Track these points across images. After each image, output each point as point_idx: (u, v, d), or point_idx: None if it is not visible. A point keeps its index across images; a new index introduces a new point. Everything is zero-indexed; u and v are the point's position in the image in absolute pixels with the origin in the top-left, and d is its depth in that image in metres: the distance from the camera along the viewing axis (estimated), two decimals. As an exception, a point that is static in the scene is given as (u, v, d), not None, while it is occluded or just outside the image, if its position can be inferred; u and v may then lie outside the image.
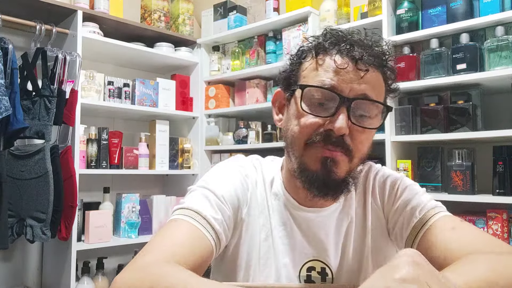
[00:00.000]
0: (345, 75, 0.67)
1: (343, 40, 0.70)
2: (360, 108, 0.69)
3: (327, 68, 0.69)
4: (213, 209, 0.70)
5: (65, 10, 2.08)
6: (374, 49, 0.71)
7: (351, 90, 0.67)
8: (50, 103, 1.89)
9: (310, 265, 0.76)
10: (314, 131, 0.69)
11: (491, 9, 1.65)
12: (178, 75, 2.61)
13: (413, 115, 1.82)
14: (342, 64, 0.67)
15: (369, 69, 0.68)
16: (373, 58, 0.69)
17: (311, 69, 0.71)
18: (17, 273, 2.14)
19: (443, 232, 0.69)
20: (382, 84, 0.72)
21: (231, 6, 2.54)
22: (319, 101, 0.69)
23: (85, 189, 2.23)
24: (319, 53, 0.71)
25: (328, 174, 0.69)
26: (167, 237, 0.65)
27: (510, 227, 1.60)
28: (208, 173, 0.78)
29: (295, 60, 0.75)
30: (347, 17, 2.10)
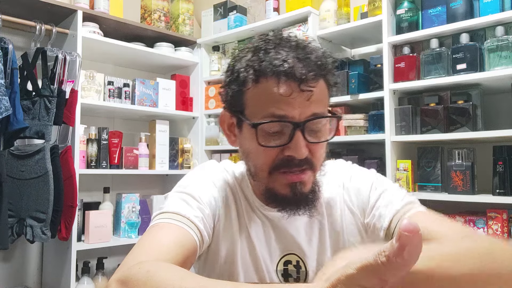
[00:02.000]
0: (293, 100, 0.67)
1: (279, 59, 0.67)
2: (313, 126, 0.70)
3: (273, 98, 0.68)
4: (192, 209, 0.72)
5: (65, 10, 2.08)
6: (309, 58, 0.69)
7: (301, 113, 0.68)
8: (50, 103, 1.89)
9: (287, 259, 0.79)
10: (275, 160, 0.70)
11: (491, 9, 1.65)
12: (178, 75, 2.61)
13: (413, 115, 1.82)
14: (287, 92, 0.67)
15: (313, 88, 0.68)
16: (314, 71, 0.68)
17: (255, 99, 0.70)
18: (17, 273, 2.14)
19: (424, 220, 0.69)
20: (324, 90, 0.72)
21: (231, 6, 2.54)
22: (272, 131, 0.70)
23: (85, 189, 2.23)
24: (259, 80, 0.69)
25: (297, 195, 0.71)
26: (152, 239, 0.66)
27: (510, 227, 1.60)
28: (184, 178, 0.81)
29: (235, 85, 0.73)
30: (347, 17, 2.10)
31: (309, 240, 0.79)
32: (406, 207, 0.73)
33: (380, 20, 1.88)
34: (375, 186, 0.79)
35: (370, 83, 1.96)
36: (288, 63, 0.67)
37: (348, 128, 2.01)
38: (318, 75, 0.69)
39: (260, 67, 0.69)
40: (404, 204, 0.73)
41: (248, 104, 0.72)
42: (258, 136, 0.70)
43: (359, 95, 1.95)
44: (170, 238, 0.66)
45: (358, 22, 1.98)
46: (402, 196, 0.76)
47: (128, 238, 2.23)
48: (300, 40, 0.73)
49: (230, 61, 0.76)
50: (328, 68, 0.71)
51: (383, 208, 0.75)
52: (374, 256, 0.36)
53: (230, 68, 0.76)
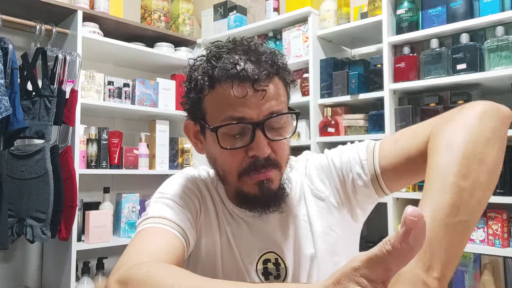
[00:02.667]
0: (249, 103, 0.69)
1: (231, 63, 0.69)
2: (273, 124, 0.72)
3: (229, 101, 0.69)
4: (174, 212, 0.73)
5: (65, 10, 2.08)
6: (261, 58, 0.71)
7: (259, 113, 0.70)
8: (50, 103, 1.89)
9: (265, 257, 0.79)
10: (241, 161, 0.72)
11: (491, 9, 1.65)
12: (178, 75, 2.61)
13: (413, 115, 1.82)
14: (241, 94, 0.69)
15: (266, 87, 0.69)
16: (266, 71, 0.70)
17: (213, 104, 0.72)
18: (17, 273, 2.14)
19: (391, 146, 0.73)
20: (282, 87, 0.74)
21: (231, 6, 2.54)
22: (234, 134, 0.71)
23: (85, 189, 2.23)
24: (214, 85, 0.71)
25: (266, 192, 0.73)
26: (141, 244, 0.67)
27: (510, 227, 1.60)
28: (162, 185, 0.82)
29: (192, 93, 0.75)
30: (347, 17, 2.10)
31: (285, 237, 0.79)
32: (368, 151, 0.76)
33: (380, 20, 1.88)
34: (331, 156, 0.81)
35: (370, 83, 1.96)
36: (240, 66, 0.69)
37: (348, 128, 2.01)
38: (271, 73, 0.71)
39: (214, 72, 0.70)
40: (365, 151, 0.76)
41: (207, 110, 0.74)
42: (219, 140, 0.71)
43: (359, 95, 1.95)
44: (160, 241, 0.67)
45: (358, 22, 1.98)
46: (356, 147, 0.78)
47: (128, 238, 2.23)
48: (252, 43, 0.75)
49: (188, 71, 0.77)
50: (281, 66, 0.73)
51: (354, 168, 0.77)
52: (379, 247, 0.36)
53: (188, 77, 0.77)
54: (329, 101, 2.06)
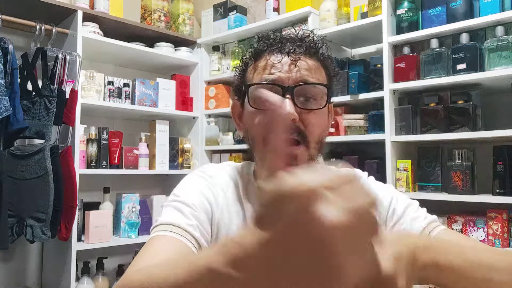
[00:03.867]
0: (282, 68, 0.74)
1: (273, 40, 0.78)
2: (303, 94, 0.74)
3: (265, 67, 0.76)
4: (186, 218, 0.72)
5: (65, 10, 2.08)
6: (304, 41, 0.77)
7: (290, 79, 0.73)
8: (50, 103, 1.89)
9: None
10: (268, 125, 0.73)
11: (491, 9, 1.65)
12: (178, 75, 2.61)
13: (413, 115, 1.82)
14: (276, 60, 0.75)
15: (301, 58, 0.74)
16: (303, 48, 0.75)
17: (252, 73, 0.79)
18: (17, 273, 2.14)
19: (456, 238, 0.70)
20: (320, 69, 0.77)
21: (231, 6, 2.54)
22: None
23: (85, 189, 2.22)
24: (257, 59, 0.79)
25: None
26: (149, 253, 0.67)
27: (510, 227, 1.60)
28: (178, 186, 0.81)
29: (240, 70, 0.83)
30: (347, 17, 2.10)
31: None
32: (430, 225, 0.74)
33: (380, 20, 1.88)
34: (396, 198, 0.78)
35: (370, 83, 1.96)
36: (281, 42, 0.77)
37: (348, 128, 2.01)
38: (307, 52, 0.76)
39: (258, 47, 0.79)
40: (428, 222, 0.74)
41: (248, 79, 0.80)
42: (250, 99, 0.75)
43: (359, 95, 1.95)
44: (166, 250, 0.67)
45: (358, 22, 1.98)
46: (424, 215, 0.76)
47: (128, 238, 2.23)
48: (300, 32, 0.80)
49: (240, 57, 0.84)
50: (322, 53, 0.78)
51: (409, 222, 0.74)
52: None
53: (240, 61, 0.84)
54: (329, 101, 2.05)
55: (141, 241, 2.22)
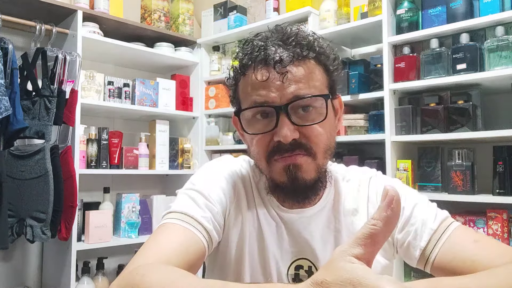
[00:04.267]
0: (271, 86, 0.68)
1: (258, 52, 0.69)
2: (300, 107, 0.69)
3: (253, 85, 0.70)
4: (200, 208, 0.71)
5: (65, 10, 2.08)
6: (291, 43, 0.69)
7: (282, 96, 0.67)
8: (50, 103, 1.89)
9: (298, 263, 0.77)
10: (268, 145, 0.70)
11: (491, 9, 1.65)
12: (178, 75, 2.61)
13: (413, 115, 1.82)
14: (263, 77, 0.68)
15: (288, 70, 0.67)
16: (291, 55, 0.68)
17: (243, 90, 0.73)
18: (17, 273, 2.14)
19: (467, 244, 0.68)
20: (314, 71, 0.70)
21: (231, 6, 2.54)
22: (259, 118, 0.71)
23: (85, 189, 2.23)
24: (244, 72, 0.72)
25: (294, 180, 0.70)
26: (158, 242, 0.66)
27: (510, 227, 1.60)
28: (195, 174, 0.80)
29: (232, 84, 0.77)
30: (347, 17, 2.10)
31: (323, 246, 0.76)
32: (442, 225, 0.72)
33: (380, 20, 1.88)
34: (405, 196, 0.76)
35: (370, 83, 1.96)
36: (266, 49, 0.69)
37: (348, 128, 2.01)
38: (299, 56, 0.68)
39: (244, 60, 0.71)
40: (439, 223, 0.72)
41: (240, 98, 0.75)
42: (244, 125, 0.72)
43: (359, 95, 1.95)
44: (176, 240, 0.65)
45: (358, 22, 1.98)
46: (435, 212, 0.74)
47: (128, 238, 2.23)
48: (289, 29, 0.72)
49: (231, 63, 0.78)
50: (318, 50, 0.71)
51: (419, 226, 0.72)
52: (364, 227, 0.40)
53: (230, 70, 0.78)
54: (329, 101, 2.05)
55: (141, 241, 2.22)
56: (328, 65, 0.73)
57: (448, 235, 0.70)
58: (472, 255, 0.66)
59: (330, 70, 0.73)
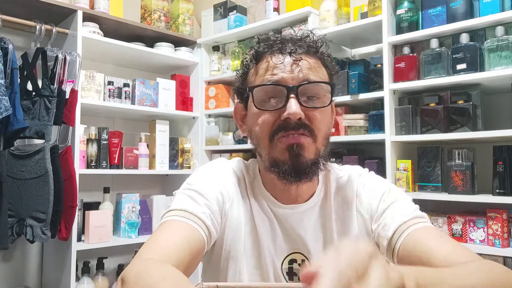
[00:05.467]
0: (284, 68, 0.75)
1: (274, 41, 0.78)
2: (307, 92, 0.75)
3: (267, 68, 0.76)
4: (199, 205, 0.74)
5: (65, 10, 2.08)
6: (303, 41, 0.78)
7: (294, 79, 0.74)
8: (50, 103, 1.89)
9: (292, 257, 0.80)
10: (273, 124, 0.74)
11: (491, 9, 1.65)
12: (178, 75, 2.61)
13: (413, 115, 1.82)
14: (278, 61, 0.75)
15: (302, 58, 0.75)
16: (304, 48, 0.76)
17: (255, 75, 0.79)
18: (17, 273, 2.14)
19: (428, 237, 0.70)
20: (321, 67, 0.78)
21: (231, 6, 2.54)
22: (269, 97, 0.75)
23: (85, 189, 2.23)
24: (258, 61, 0.79)
25: (297, 159, 0.74)
26: (160, 238, 0.68)
27: (510, 227, 1.60)
28: (191, 175, 0.83)
29: (242, 73, 0.83)
30: (347, 17, 2.10)
31: (315, 240, 0.80)
32: (413, 220, 0.73)
33: (380, 20, 1.88)
34: (385, 197, 0.79)
35: (370, 83, 1.96)
36: (282, 41, 0.77)
37: (348, 128, 2.01)
38: (308, 51, 0.77)
39: (259, 49, 0.79)
40: (411, 218, 0.74)
41: (249, 80, 0.80)
42: (255, 100, 0.76)
43: (359, 95, 1.95)
44: (177, 236, 0.68)
45: (358, 22, 1.98)
46: (411, 210, 0.76)
47: (128, 238, 2.23)
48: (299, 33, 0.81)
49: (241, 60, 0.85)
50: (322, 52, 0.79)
51: (389, 219, 0.76)
52: None
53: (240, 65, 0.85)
54: (329, 101, 2.05)
55: (141, 241, 2.22)
56: (331, 69, 0.81)
57: (414, 228, 0.72)
58: (428, 248, 0.68)
59: (331, 74, 0.81)
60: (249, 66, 0.82)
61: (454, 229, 1.70)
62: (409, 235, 0.71)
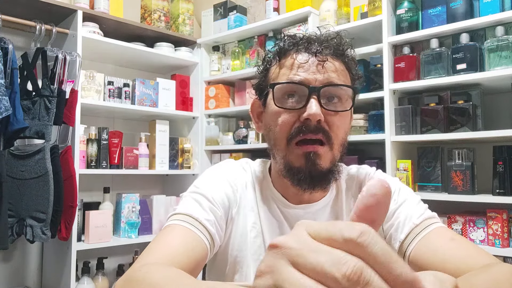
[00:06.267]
0: (309, 68, 0.73)
1: (300, 39, 0.76)
2: (329, 95, 0.73)
3: (291, 66, 0.75)
4: (205, 211, 0.73)
5: (65, 10, 2.08)
6: (330, 42, 0.77)
7: (317, 80, 0.72)
8: (50, 103, 1.89)
9: None
10: (292, 125, 0.73)
11: (491, 9, 1.65)
12: (178, 75, 2.61)
13: (413, 115, 1.82)
14: (303, 60, 0.74)
15: (328, 59, 0.74)
16: (330, 49, 0.75)
17: (277, 71, 0.77)
18: (17, 273, 2.14)
19: (442, 241, 0.70)
20: (345, 71, 0.77)
21: (231, 6, 2.54)
22: (290, 96, 0.74)
23: (85, 189, 2.23)
24: (282, 57, 0.77)
25: (313, 167, 0.72)
26: (163, 243, 0.68)
27: (510, 227, 1.60)
28: (199, 178, 0.82)
29: (263, 68, 0.82)
30: (347, 17, 2.10)
31: None
32: (424, 222, 0.73)
33: (380, 20, 1.88)
34: (395, 197, 0.79)
35: (370, 83, 1.96)
36: (309, 41, 0.76)
37: (348, 128, 2.01)
38: (334, 53, 0.75)
39: (284, 46, 0.78)
40: (423, 220, 0.74)
41: (271, 77, 0.78)
42: (275, 98, 0.74)
43: (359, 95, 1.94)
44: (180, 242, 0.67)
45: (358, 22, 1.98)
46: (422, 211, 0.76)
47: (128, 238, 2.23)
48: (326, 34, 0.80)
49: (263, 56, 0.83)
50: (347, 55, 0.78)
51: (402, 220, 0.75)
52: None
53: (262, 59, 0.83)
54: (329, 101, 2.05)
55: (141, 241, 2.22)
56: (354, 74, 0.79)
57: (428, 231, 0.72)
58: (444, 252, 0.68)
59: (354, 79, 0.80)
60: (272, 62, 0.80)
61: (454, 229, 1.70)
62: (422, 239, 0.71)
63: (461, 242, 0.70)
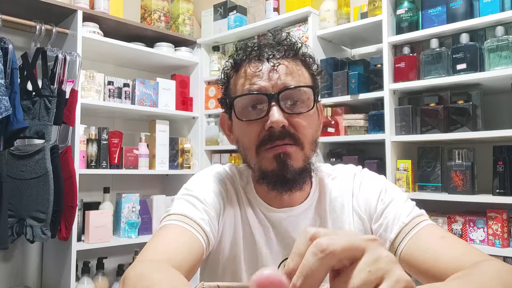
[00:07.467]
0: (264, 76, 0.74)
1: (252, 48, 0.76)
2: (289, 98, 0.74)
3: (247, 77, 0.75)
4: (199, 211, 0.73)
5: (65, 10, 2.08)
6: (282, 44, 0.77)
7: (274, 86, 0.73)
8: (50, 103, 1.89)
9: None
10: (259, 135, 0.74)
11: (491, 9, 1.65)
12: (178, 75, 2.61)
13: (413, 115, 1.82)
14: (256, 69, 0.74)
15: (280, 63, 0.74)
16: (282, 52, 0.75)
17: (235, 84, 0.78)
18: (17, 273, 2.14)
19: (433, 239, 0.70)
20: (302, 70, 0.77)
21: (231, 6, 2.54)
22: (251, 107, 0.74)
23: (85, 189, 2.23)
24: (237, 69, 0.78)
25: (284, 168, 0.73)
26: (160, 242, 0.68)
27: (510, 227, 1.60)
28: (188, 182, 0.83)
29: (222, 83, 0.83)
30: (347, 17, 2.10)
31: None
32: (413, 221, 0.73)
33: (380, 20, 1.88)
34: (382, 196, 0.79)
35: (370, 83, 1.96)
36: (259, 48, 0.76)
37: (348, 128, 2.01)
38: (289, 54, 0.76)
39: (237, 58, 0.79)
40: (411, 218, 0.74)
41: (231, 91, 0.79)
42: (236, 112, 0.75)
43: (359, 95, 1.95)
44: (178, 240, 0.68)
45: (358, 22, 1.98)
46: (410, 209, 0.76)
47: (128, 238, 2.23)
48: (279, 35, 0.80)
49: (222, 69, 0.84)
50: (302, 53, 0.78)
51: (391, 220, 0.75)
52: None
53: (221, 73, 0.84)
54: (329, 101, 2.05)
55: (141, 241, 2.22)
56: (313, 70, 0.80)
57: (418, 230, 0.72)
58: (435, 250, 0.68)
59: (314, 74, 0.80)
60: (229, 75, 0.81)
61: (454, 229, 1.70)
62: (412, 237, 0.71)
63: (452, 240, 0.70)
